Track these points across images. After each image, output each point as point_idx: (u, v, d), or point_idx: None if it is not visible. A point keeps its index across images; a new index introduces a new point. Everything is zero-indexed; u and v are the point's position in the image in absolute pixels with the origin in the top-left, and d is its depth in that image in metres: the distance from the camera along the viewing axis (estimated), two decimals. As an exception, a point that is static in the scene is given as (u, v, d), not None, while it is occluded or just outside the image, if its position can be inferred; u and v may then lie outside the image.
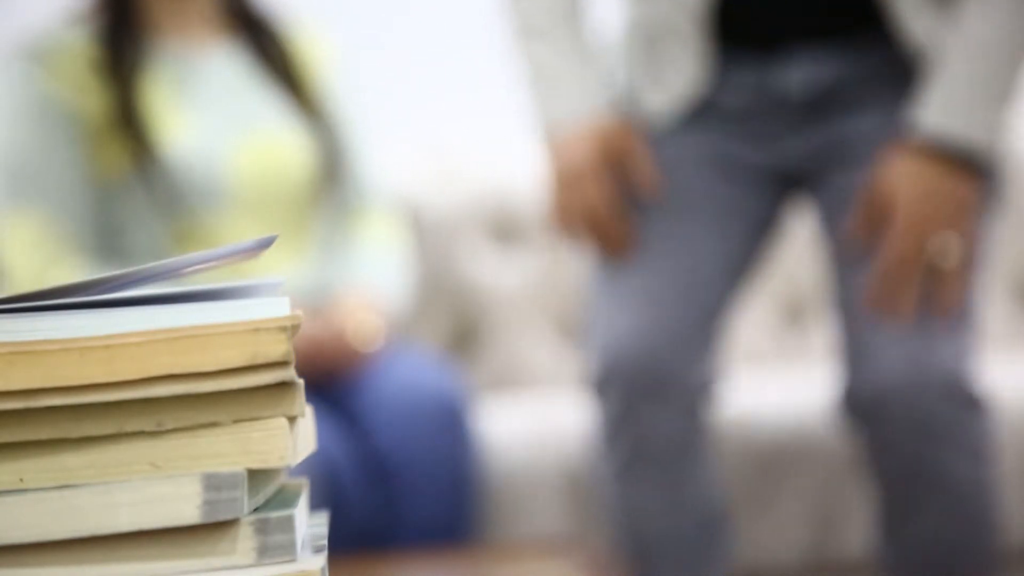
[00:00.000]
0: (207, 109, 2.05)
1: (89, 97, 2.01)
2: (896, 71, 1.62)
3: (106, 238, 2.03)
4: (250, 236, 2.03)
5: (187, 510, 0.64)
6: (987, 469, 1.65)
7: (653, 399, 1.59)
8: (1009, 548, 2.17)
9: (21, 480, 0.64)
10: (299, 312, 0.65)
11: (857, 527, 2.03)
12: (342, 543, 1.83)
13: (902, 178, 1.55)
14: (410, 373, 2.03)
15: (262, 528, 0.65)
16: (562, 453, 2.15)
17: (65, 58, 2.02)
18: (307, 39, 2.17)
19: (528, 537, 2.08)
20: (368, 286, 2.07)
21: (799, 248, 2.40)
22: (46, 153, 2.00)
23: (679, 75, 1.63)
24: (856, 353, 1.59)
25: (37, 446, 0.64)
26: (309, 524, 0.74)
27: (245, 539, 0.65)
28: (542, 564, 1.49)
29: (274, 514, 0.65)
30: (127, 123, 1.99)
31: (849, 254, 1.62)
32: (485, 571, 1.50)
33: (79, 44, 2.03)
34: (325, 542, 0.70)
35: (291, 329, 0.64)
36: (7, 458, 0.64)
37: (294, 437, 0.66)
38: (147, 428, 0.65)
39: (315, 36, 2.18)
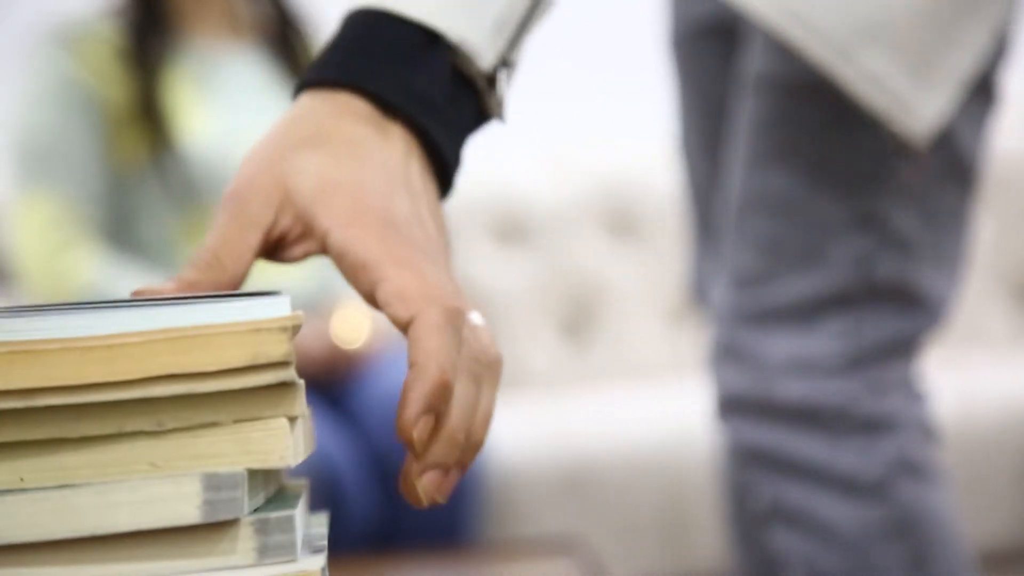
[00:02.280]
0: (226, 107, 2.06)
1: (112, 85, 2.03)
2: None
3: (118, 226, 2.05)
4: None
5: (187, 510, 0.64)
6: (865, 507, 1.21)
7: None
8: (1008, 548, 2.17)
9: (20, 479, 0.64)
10: (300, 312, 0.65)
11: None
12: (342, 543, 1.83)
13: None
14: (410, 373, 2.03)
15: (262, 528, 0.65)
16: (562, 453, 2.15)
17: (91, 45, 2.04)
18: None
19: (528, 537, 2.08)
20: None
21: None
22: (66, 136, 2.02)
23: None
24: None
25: (37, 445, 0.64)
26: (309, 524, 0.74)
27: (245, 539, 0.65)
28: (542, 564, 1.49)
29: (274, 514, 0.65)
30: (147, 114, 2.01)
31: None
32: (485, 571, 1.49)
33: (107, 33, 2.05)
34: (325, 542, 0.70)
35: (292, 329, 0.64)
36: (6, 457, 0.64)
37: (294, 437, 0.66)
38: (147, 428, 0.64)
39: None
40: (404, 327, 0.72)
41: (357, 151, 0.77)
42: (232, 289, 0.76)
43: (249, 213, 0.76)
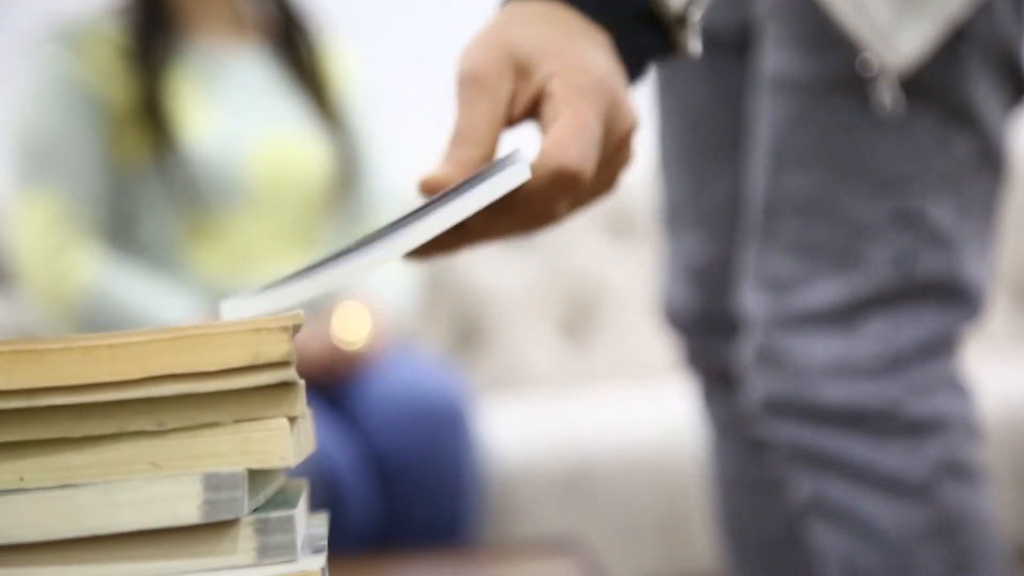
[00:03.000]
0: (230, 107, 2.06)
1: (115, 84, 2.02)
2: None
3: (119, 226, 2.04)
4: (261, 235, 2.03)
5: (187, 510, 0.64)
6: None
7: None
8: (1008, 548, 2.18)
9: (22, 479, 0.64)
10: (300, 312, 0.65)
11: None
12: (342, 543, 1.83)
13: None
14: (410, 374, 2.03)
15: (262, 528, 0.65)
16: (562, 453, 2.15)
17: (95, 44, 2.04)
18: (335, 50, 2.18)
19: (528, 537, 2.08)
20: (369, 290, 2.07)
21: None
22: (67, 135, 2.01)
23: None
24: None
25: (38, 445, 0.65)
26: (309, 524, 0.74)
27: (245, 539, 0.65)
28: (542, 564, 1.49)
29: (274, 514, 0.65)
30: (150, 113, 2.01)
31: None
32: (485, 571, 1.50)
33: (110, 32, 2.04)
34: (325, 542, 0.70)
35: (292, 329, 0.64)
36: (8, 457, 0.64)
37: (295, 437, 0.66)
38: (148, 427, 0.65)
39: (343, 48, 2.20)
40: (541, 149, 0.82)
41: (574, 32, 0.86)
42: (490, 158, 0.84)
43: (489, 86, 0.84)
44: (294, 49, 2.15)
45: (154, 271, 2.01)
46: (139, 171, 2.02)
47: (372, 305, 2.05)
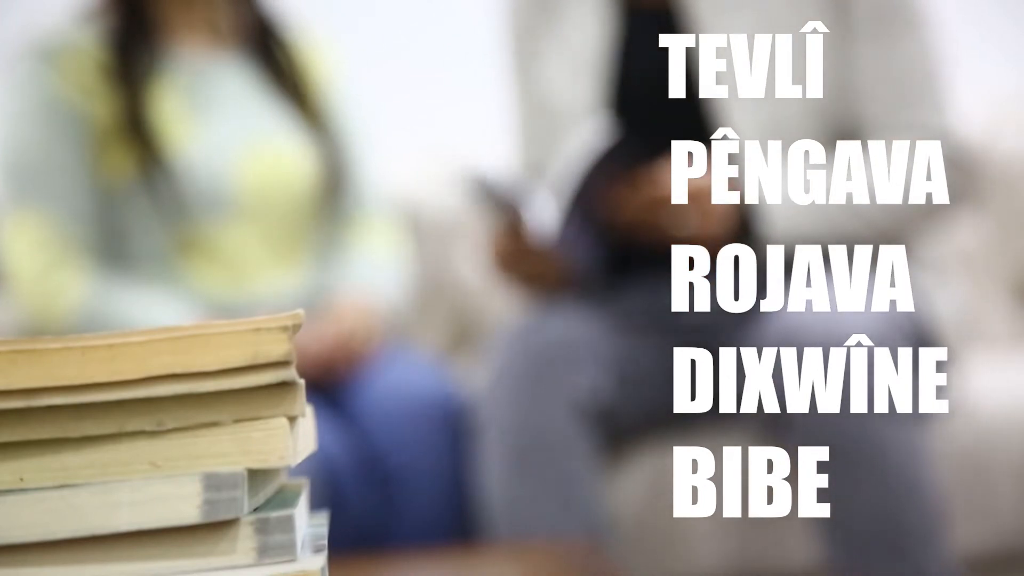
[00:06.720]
0: (215, 118, 2.04)
1: (97, 101, 2.00)
2: None
3: (110, 243, 2.03)
4: (251, 245, 2.03)
5: (187, 510, 0.64)
6: (914, 430, 1.65)
7: (549, 388, 1.73)
8: (1008, 548, 2.18)
9: (21, 479, 0.64)
10: (300, 311, 0.65)
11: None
12: (342, 543, 1.83)
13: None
14: (409, 374, 2.03)
15: (262, 528, 0.65)
16: (562, 453, 2.14)
17: (74, 60, 2.02)
18: (311, 47, 2.17)
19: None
20: (363, 288, 2.07)
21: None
22: (52, 154, 2.00)
23: None
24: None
25: (38, 445, 0.65)
26: (309, 524, 0.74)
27: (245, 539, 0.65)
28: (542, 564, 1.49)
29: (274, 514, 0.65)
30: (134, 129, 1.99)
31: None
32: (485, 571, 1.50)
33: (89, 46, 2.02)
34: (325, 542, 0.70)
35: (292, 329, 0.64)
36: (8, 457, 0.64)
37: (294, 437, 0.66)
38: (147, 427, 0.65)
39: (318, 44, 2.18)
40: None
41: None
42: None
43: None
44: (272, 56, 2.13)
45: (146, 285, 2.00)
46: (126, 187, 2.01)
47: (369, 300, 2.05)
